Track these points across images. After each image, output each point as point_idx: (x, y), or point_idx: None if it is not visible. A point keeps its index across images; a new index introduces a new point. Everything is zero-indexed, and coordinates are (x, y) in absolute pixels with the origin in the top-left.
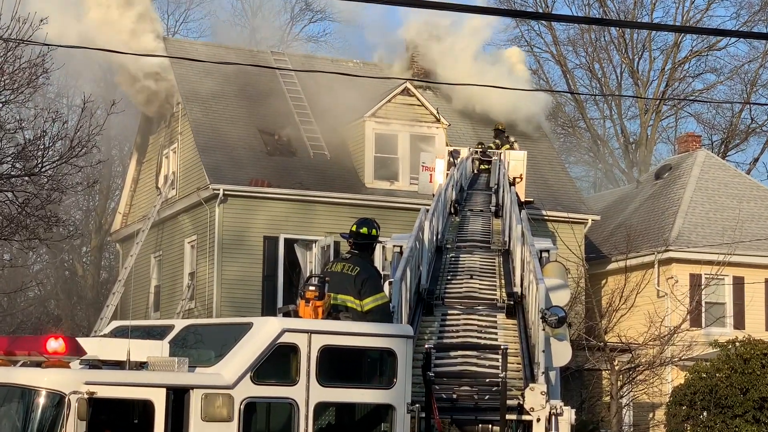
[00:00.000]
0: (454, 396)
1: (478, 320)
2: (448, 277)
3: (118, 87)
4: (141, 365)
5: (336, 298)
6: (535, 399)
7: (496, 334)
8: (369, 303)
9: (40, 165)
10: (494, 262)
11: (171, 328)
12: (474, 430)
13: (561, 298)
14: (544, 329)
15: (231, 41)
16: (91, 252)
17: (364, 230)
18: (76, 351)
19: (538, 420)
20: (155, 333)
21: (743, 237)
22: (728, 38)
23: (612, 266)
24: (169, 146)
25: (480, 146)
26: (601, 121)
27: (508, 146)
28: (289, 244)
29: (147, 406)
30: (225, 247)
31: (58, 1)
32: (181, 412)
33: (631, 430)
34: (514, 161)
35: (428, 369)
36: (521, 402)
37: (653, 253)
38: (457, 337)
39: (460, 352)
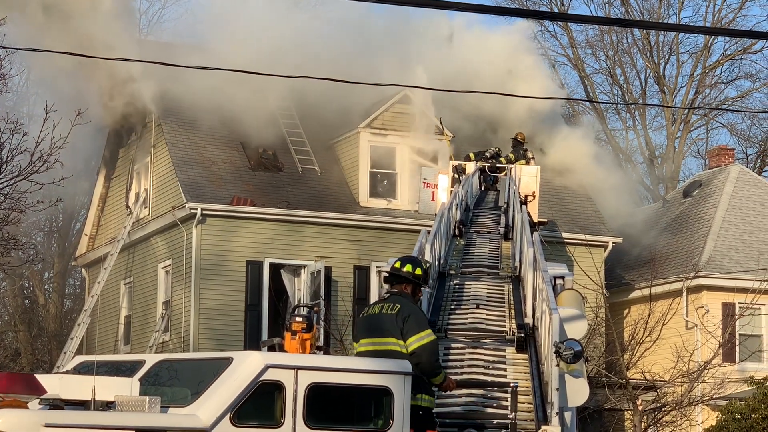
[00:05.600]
0: None
1: (485, 355)
2: (452, 307)
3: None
4: (108, 405)
5: (375, 343)
6: None
7: (505, 370)
8: (413, 342)
9: None
10: (503, 290)
11: (142, 363)
12: None
13: (577, 330)
14: (558, 365)
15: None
16: (54, 278)
17: (407, 268)
18: (35, 389)
19: None
20: (124, 369)
21: None
22: (765, 40)
23: (635, 294)
24: (141, 160)
25: (496, 149)
26: (623, 133)
27: (523, 161)
28: (275, 269)
29: None
30: (203, 273)
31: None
32: None
33: None
34: (527, 177)
35: None
36: None
37: (681, 280)
38: (462, 373)
39: (464, 390)
